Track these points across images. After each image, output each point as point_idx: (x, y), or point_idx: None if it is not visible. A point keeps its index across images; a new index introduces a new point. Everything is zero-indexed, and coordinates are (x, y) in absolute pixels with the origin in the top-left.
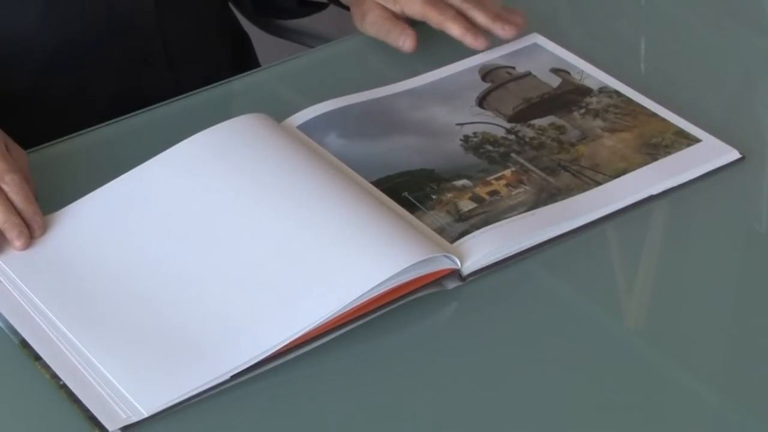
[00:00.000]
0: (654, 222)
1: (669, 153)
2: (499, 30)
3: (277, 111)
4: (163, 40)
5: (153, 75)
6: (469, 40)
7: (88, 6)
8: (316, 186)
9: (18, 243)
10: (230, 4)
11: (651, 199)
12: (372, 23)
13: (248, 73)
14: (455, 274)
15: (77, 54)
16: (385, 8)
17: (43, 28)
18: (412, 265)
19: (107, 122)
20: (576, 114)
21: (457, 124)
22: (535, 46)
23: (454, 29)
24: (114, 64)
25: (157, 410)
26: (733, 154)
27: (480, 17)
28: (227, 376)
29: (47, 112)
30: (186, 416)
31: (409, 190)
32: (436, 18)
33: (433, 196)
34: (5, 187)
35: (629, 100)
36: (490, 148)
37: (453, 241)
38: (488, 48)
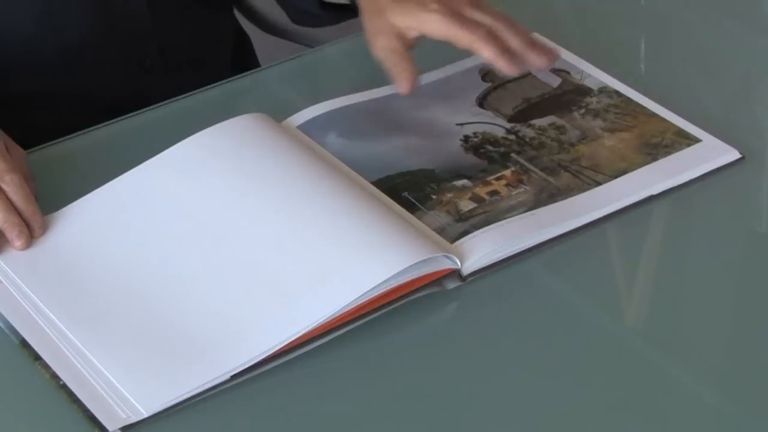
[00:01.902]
0: (654, 222)
1: (669, 153)
2: (535, 58)
3: (277, 111)
4: (158, 44)
5: (151, 79)
6: (502, 64)
7: (83, 11)
8: (316, 186)
9: (18, 243)
10: (235, 9)
11: (651, 199)
12: (380, 48)
13: (248, 73)
14: (455, 274)
15: (75, 59)
16: (398, 36)
17: (41, 34)
18: (412, 265)
19: (107, 122)
20: (576, 114)
21: (457, 124)
22: None
23: (486, 51)
24: (112, 69)
25: (157, 410)
26: (733, 154)
27: (514, 41)
28: (227, 376)
29: (47, 113)
30: (186, 416)
31: (409, 190)
32: (465, 38)
33: (433, 196)
34: (5, 187)
35: (629, 100)
36: (490, 148)
37: (453, 241)
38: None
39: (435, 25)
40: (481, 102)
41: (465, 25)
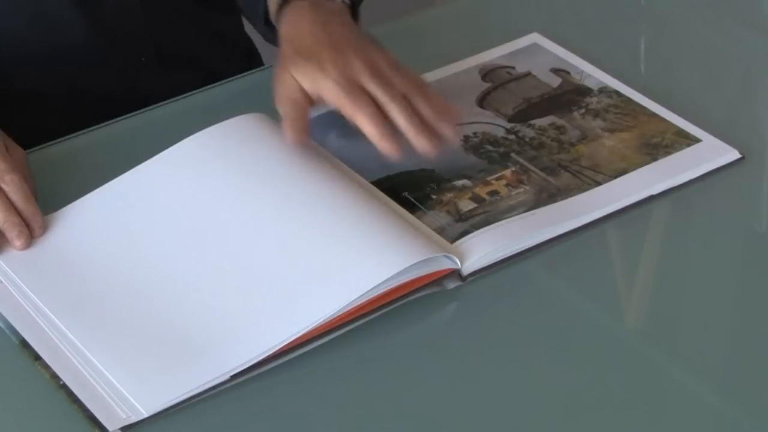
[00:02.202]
0: (654, 222)
1: (669, 153)
2: (418, 144)
3: (277, 111)
4: (154, 42)
5: (148, 78)
6: (383, 146)
7: (76, 10)
8: (316, 186)
9: (18, 243)
10: (242, 17)
11: (651, 199)
12: (280, 97)
13: (248, 73)
14: (455, 274)
15: (71, 60)
16: (301, 89)
17: (35, 34)
18: (412, 265)
19: (107, 122)
20: (576, 114)
21: (456, 124)
22: (535, 46)
23: (369, 131)
24: (108, 67)
25: (157, 410)
26: (733, 154)
27: (401, 122)
28: (227, 376)
29: (47, 113)
30: (186, 416)
31: (409, 190)
32: (351, 113)
33: (433, 196)
34: (5, 187)
35: (629, 100)
36: (490, 148)
37: (453, 241)
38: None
39: (327, 93)
40: (481, 102)
41: (353, 100)
